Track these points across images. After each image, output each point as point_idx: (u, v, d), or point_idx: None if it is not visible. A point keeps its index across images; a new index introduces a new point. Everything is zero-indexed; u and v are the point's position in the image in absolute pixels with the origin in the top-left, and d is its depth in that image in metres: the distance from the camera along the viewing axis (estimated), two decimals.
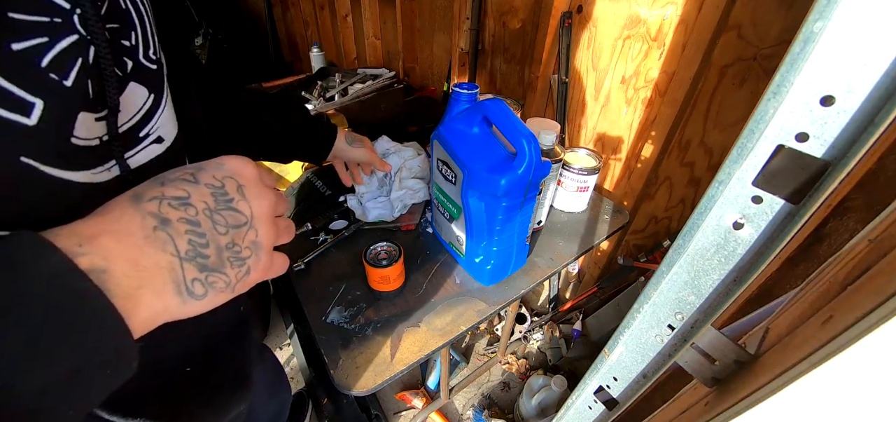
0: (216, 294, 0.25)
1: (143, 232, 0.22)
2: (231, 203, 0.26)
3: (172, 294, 0.23)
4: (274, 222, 0.29)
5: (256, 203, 0.27)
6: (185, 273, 0.23)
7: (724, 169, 0.28)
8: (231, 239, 0.25)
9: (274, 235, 0.28)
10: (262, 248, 0.27)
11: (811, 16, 0.21)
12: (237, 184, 0.27)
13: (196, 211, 0.24)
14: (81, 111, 0.24)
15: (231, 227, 0.25)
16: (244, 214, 0.26)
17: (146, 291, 0.21)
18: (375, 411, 1.27)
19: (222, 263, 0.25)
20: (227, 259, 0.25)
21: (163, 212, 0.23)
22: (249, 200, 0.27)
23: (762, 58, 0.69)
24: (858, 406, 0.25)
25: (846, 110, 0.22)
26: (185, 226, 0.23)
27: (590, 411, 0.52)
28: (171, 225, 0.23)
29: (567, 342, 1.36)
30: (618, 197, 1.06)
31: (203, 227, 0.24)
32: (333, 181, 0.91)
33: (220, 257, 0.25)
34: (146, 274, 0.21)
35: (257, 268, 0.27)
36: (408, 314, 0.63)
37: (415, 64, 1.62)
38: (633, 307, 0.40)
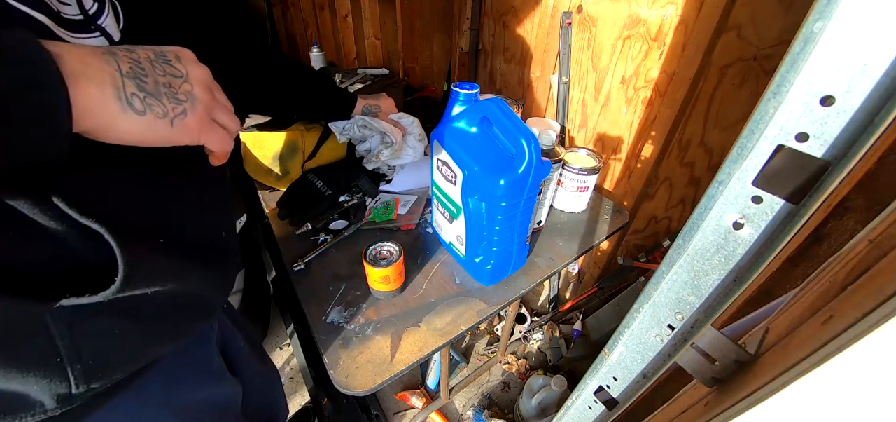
0: (155, 118, 0.30)
1: (94, 52, 0.28)
2: (169, 62, 0.32)
3: (112, 97, 0.28)
4: (210, 92, 0.35)
5: (192, 68, 0.34)
6: (125, 84, 0.28)
7: (724, 169, 0.28)
8: (168, 81, 0.31)
9: (209, 100, 0.35)
10: (199, 101, 0.33)
11: (811, 16, 0.21)
12: (176, 54, 0.33)
13: (139, 57, 0.30)
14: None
15: (169, 74, 0.32)
16: (180, 71, 0.33)
17: (90, 82, 0.26)
18: (375, 411, 1.28)
19: (159, 93, 0.30)
20: (163, 92, 0.31)
21: (112, 51, 0.29)
22: (186, 65, 0.34)
23: (762, 58, 0.69)
24: (858, 406, 0.25)
25: (846, 110, 0.22)
26: (128, 59, 0.29)
27: (590, 411, 0.52)
28: (118, 56, 0.29)
29: (567, 342, 1.36)
30: (618, 197, 1.06)
31: (144, 65, 0.30)
32: (333, 181, 0.91)
33: (158, 88, 0.30)
34: (91, 70, 0.27)
35: (194, 115, 0.33)
36: (408, 314, 0.63)
37: (415, 64, 1.62)
38: (633, 307, 0.40)
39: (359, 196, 0.88)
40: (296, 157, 0.94)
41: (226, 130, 0.37)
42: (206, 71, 0.35)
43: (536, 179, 0.57)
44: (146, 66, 0.30)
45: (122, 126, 0.28)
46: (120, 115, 0.28)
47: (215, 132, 0.36)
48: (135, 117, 0.29)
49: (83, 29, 0.34)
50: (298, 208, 0.84)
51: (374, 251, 0.64)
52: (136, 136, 0.30)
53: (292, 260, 0.71)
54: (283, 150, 0.93)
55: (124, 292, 0.34)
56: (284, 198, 0.89)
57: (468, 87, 0.63)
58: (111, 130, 0.28)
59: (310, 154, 0.95)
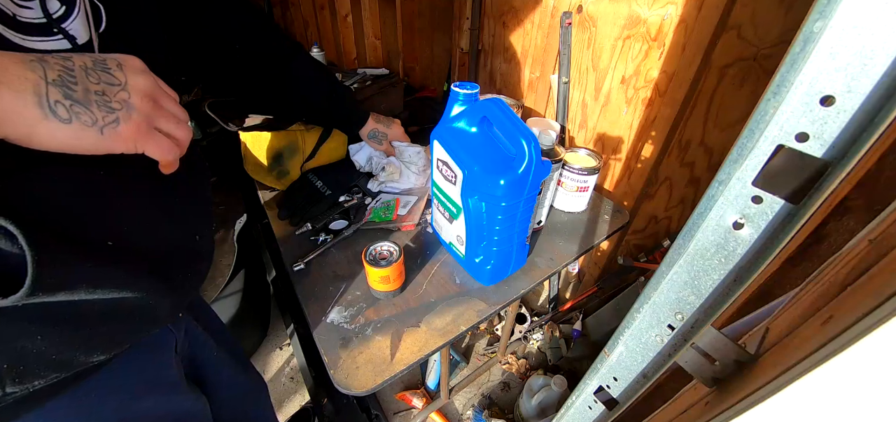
0: (82, 127, 0.30)
1: (20, 59, 0.27)
2: (108, 69, 0.32)
3: (33, 104, 0.27)
4: (152, 101, 0.34)
5: (133, 77, 0.33)
6: (49, 92, 0.28)
7: (724, 169, 0.28)
8: (102, 89, 0.31)
9: (149, 109, 0.34)
10: (135, 109, 0.33)
11: (811, 16, 0.21)
12: (118, 63, 0.33)
13: (73, 65, 0.30)
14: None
15: (104, 82, 0.31)
16: (118, 79, 0.32)
17: (6, 88, 0.26)
18: (375, 411, 1.28)
19: (89, 102, 0.30)
20: (93, 100, 0.30)
21: (42, 58, 0.28)
22: (126, 73, 0.33)
23: (762, 58, 0.69)
24: (858, 406, 0.25)
25: (846, 110, 0.22)
26: (60, 67, 0.29)
27: (590, 412, 0.52)
28: (47, 62, 0.28)
29: (567, 342, 1.36)
30: (618, 197, 1.06)
31: (76, 73, 0.30)
32: (333, 181, 0.91)
33: (87, 97, 0.30)
34: (8, 76, 0.26)
35: (128, 124, 0.32)
36: (408, 314, 0.63)
37: (415, 64, 1.62)
38: (633, 307, 0.40)
39: (359, 196, 0.88)
40: (296, 157, 0.94)
41: (171, 139, 0.37)
42: (150, 80, 0.35)
43: (536, 179, 0.57)
44: (78, 74, 0.30)
45: (43, 133, 0.28)
46: (41, 122, 0.28)
47: (156, 141, 0.35)
48: (58, 125, 0.28)
49: (43, 32, 0.34)
50: (298, 208, 0.84)
51: (374, 251, 0.64)
52: (62, 143, 0.29)
53: (292, 260, 0.71)
54: (283, 150, 0.93)
55: (37, 298, 0.31)
56: (284, 198, 0.89)
57: (468, 87, 0.63)
58: (32, 137, 0.28)
59: (310, 154, 0.95)
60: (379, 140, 0.91)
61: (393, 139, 0.93)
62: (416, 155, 0.92)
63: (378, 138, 0.91)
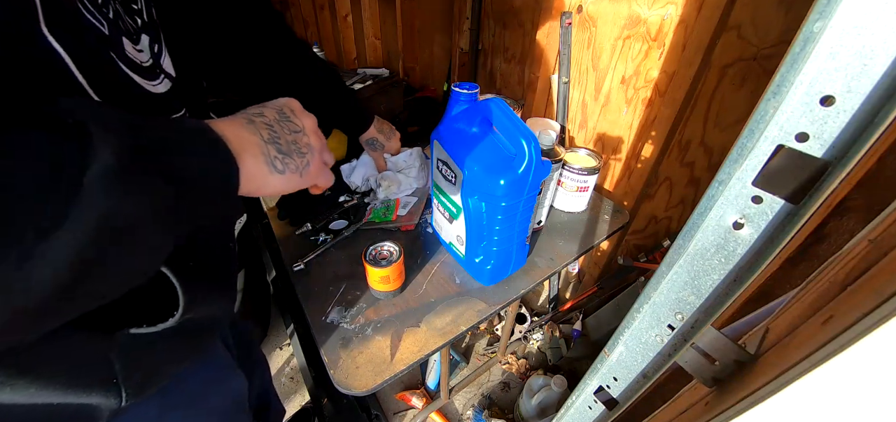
0: (291, 174, 0.36)
1: (241, 124, 0.33)
2: (289, 118, 0.37)
3: (262, 162, 0.33)
4: (318, 136, 0.40)
5: (304, 120, 0.39)
6: (269, 150, 0.34)
7: (724, 169, 0.28)
8: (293, 139, 0.37)
9: (320, 145, 0.40)
10: (315, 150, 0.39)
11: (811, 16, 0.21)
12: (291, 109, 0.39)
13: (269, 119, 0.35)
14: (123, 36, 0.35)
15: (292, 131, 0.37)
16: (298, 125, 0.38)
17: (247, 155, 0.32)
18: (375, 411, 1.28)
19: (290, 152, 0.36)
20: (293, 150, 0.36)
21: (250, 117, 0.35)
22: (300, 117, 0.39)
23: (762, 58, 0.69)
24: (858, 406, 0.25)
25: (846, 110, 0.22)
26: (264, 124, 0.35)
27: (590, 411, 0.52)
28: (255, 123, 0.34)
29: (567, 342, 1.36)
30: (618, 197, 1.06)
31: (275, 128, 0.35)
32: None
33: (289, 147, 0.36)
34: (245, 143, 0.32)
35: (314, 163, 0.38)
36: (408, 314, 0.63)
37: (415, 64, 1.62)
38: (633, 307, 0.40)
39: (358, 196, 0.88)
40: None
41: (330, 172, 0.43)
42: (312, 119, 0.40)
43: (536, 179, 0.57)
44: (277, 129, 0.35)
45: (269, 185, 0.34)
46: (268, 176, 0.34)
47: (325, 172, 0.41)
48: (278, 177, 0.34)
49: (152, 75, 0.38)
50: (298, 208, 0.84)
51: (374, 251, 0.64)
52: (276, 189, 0.35)
53: (292, 260, 0.71)
54: None
55: (178, 322, 0.38)
56: (284, 198, 0.89)
57: (468, 87, 0.63)
58: (261, 189, 0.34)
59: None
60: (375, 148, 0.90)
61: (389, 150, 0.91)
62: (409, 157, 0.92)
63: (375, 147, 0.90)
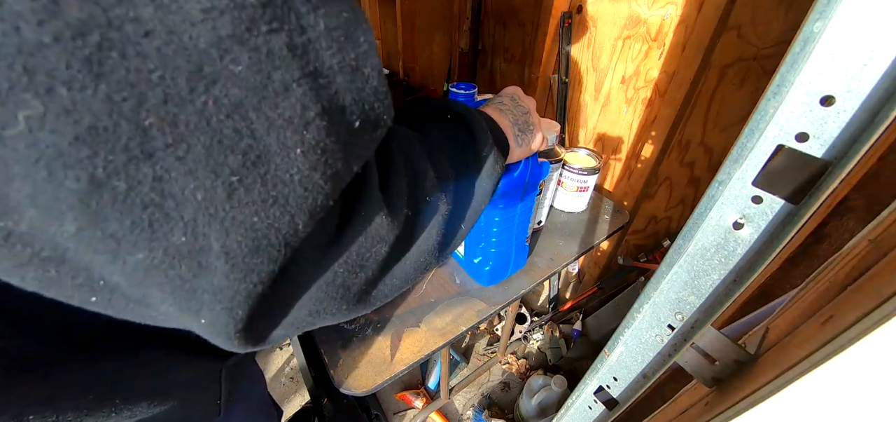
0: (523, 148, 0.45)
1: (498, 112, 0.43)
2: (519, 103, 0.46)
3: (513, 140, 0.42)
4: (537, 115, 0.48)
5: (528, 103, 0.47)
6: (516, 134, 0.43)
7: (724, 169, 0.28)
8: (524, 119, 0.45)
9: (539, 122, 0.48)
10: (537, 127, 0.47)
11: (811, 16, 0.21)
12: (519, 95, 0.48)
13: (509, 106, 0.45)
14: None
15: (523, 113, 0.45)
16: (525, 107, 0.46)
17: (512, 140, 0.42)
18: (375, 411, 1.28)
19: (526, 130, 0.45)
20: (527, 129, 0.45)
21: (500, 108, 0.44)
22: (524, 102, 0.47)
23: (762, 58, 0.69)
24: (858, 406, 0.25)
25: (846, 110, 0.22)
26: (509, 110, 0.44)
27: (590, 411, 0.52)
28: (504, 110, 0.44)
29: (567, 342, 1.36)
30: (618, 197, 1.06)
31: (514, 111, 0.45)
32: None
33: (525, 128, 0.45)
34: (509, 132, 0.42)
35: (537, 138, 0.47)
36: (408, 314, 0.63)
37: (415, 64, 1.62)
38: (633, 307, 0.40)
39: None
40: None
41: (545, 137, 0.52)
42: (532, 101, 0.49)
43: (534, 180, 0.57)
44: (517, 114, 0.44)
45: (514, 156, 0.44)
46: (516, 150, 0.43)
47: (543, 141, 0.50)
48: (519, 149, 0.44)
49: None
50: None
51: None
52: (517, 158, 0.46)
53: None
54: None
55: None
56: None
57: (465, 87, 0.63)
58: (511, 157, 0.43)
59: None
60: None
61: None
62: None
63: None
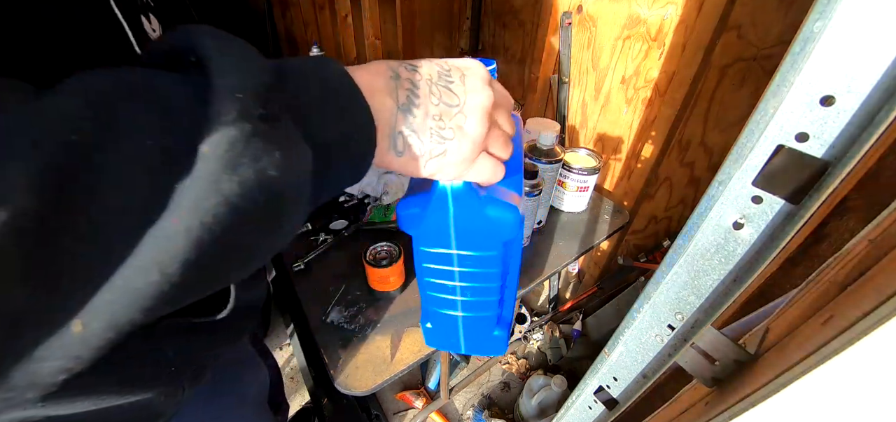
0: (409, 158, 0.27)
1: (385, 77, 0.26)
2: (450, 84, 0.28)
3: (387, 135, 0.26)
4: (487, 121, 0.29)
5: (473, 94, 0.28)
6: (397, 121, 0.26)
7: (724, 169, 0.28)
8: (439, 113, 0.27)
9: (482, 131, 0.29)
10: (468, 138, 0.28)
11: (811, 16, 0.21)
12: (463, 73, 0.29)
13: (420, 77, 0.27)
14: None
15: (443, 102, 0.28)
16: (457, 95, 0.28)
17: (381, 130, 0.26)
18: (375, 411, 1.28)
19: (422, 130, 0.27)
20: (428, 128, 0.27)
21: (396, 73, 0.27)
22: (467, 88, 0.29)
23: (762, 58, 0.69)
24: (858, 406, 0.25)
25: (846, 110, 0.22)
26: (409, 82, 0.27)
27: (590, 411, 0.52)
28: (400, 78, 0.27)
29: (567, 342, 1.36)
30: (618, 197, 1.06)
31: (420, 91, 0.27)
32: None
33: (424, 124, 0.27)
34: (381, 113, 0.25)
35: (457, 155, 0.28)
36: (408, 314, 0.63)
37: None
38: (633, 307, 0.40)
39: (359, 196, 0.88)
40: None
41: (496, 161, 0.31)
42: (487, 95, 0.29)
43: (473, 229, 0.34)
44: (422, 92, 0.27)
45: (388, 164, 0.28)
46: (386, 154, 0.27)
47: (477, 168, 0.30)
48: (395, 158, 0.27)
49: None
50: None
51: (373, 251, 0.64)
52: (398, 170, 0.28)
53: (292, 260, 0.71)
54: None
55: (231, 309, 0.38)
56: None
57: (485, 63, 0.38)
58: (378, 166, 0.28)
59: None
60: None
61: None
62: None
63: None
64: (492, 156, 0.31)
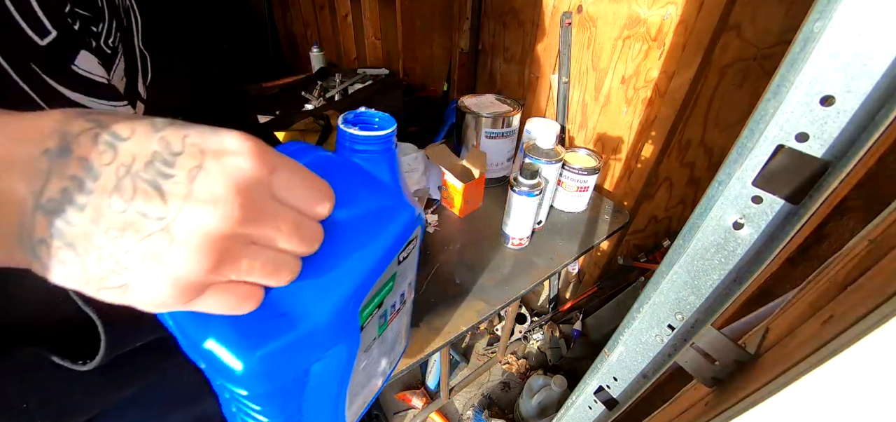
0: (65, 276, 0.17)
1: (37, 149, 0.17)
2: (165, 178, 0.17)
3: (15, 237, 0.17)
4: (210, 253, 0.18)
5: (197, 207, 0.17)
6: (35, 224, 0.17)
7: (724, 169, 0.28)
8: (122, 224, 0.17)
9: (194, 269, 0.18)
10: (167, 275, 0.18)
11: (811, 16, 0.21)
12: (201, 165, 0.18)
13: (113, 157, 0.17)
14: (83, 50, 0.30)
15: (135, 209, 0.17)
16: (166, 202, 0.17)
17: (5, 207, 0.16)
18: (375, 410, 1.28)
19: (85, 246, 0.17)
20: (96, 247, 0.17)
21: (81, 138, 0.17)
22: (193, 191, 0.17)
23: (762, 58, 0.69)
24: (858, 406, 0.25)
25: (846, 110, 0.22)
26: (79, 168, 0.17)
27: (590, 411, 0.52)
28: (70, 156, 0.17)
29: (567, 342, 1.36)
30: (618, 197, 1.06)
31: (96, 183, 0.17)
32: None
33: (89, 238, 0.17)
34: (2, 205, 0.16)
35: (148, 294, 0.18)
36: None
37: (415, 64, 1.62)
38: (633, 307, 0.40)
39: None
40: None
41: (250, 287, 0.21)
42: (231, 208, 0.18)
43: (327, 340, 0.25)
44: (97, 189, 0.17)
45: (24, 264, 0.18)
46: (22, 257, 0.17)
47: (209, 304, 0.20)
48: (39, 267, 0.17)
49: (108, 94, 0.33)
50: None
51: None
52: (51, 280, 0.18)
53: None
54: None
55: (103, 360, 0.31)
56: None
57: (367, 124, 0.32)
58: (12, 265, 0.18)
59: None
60: None
61: None
62: (414, 161, 0.91)
63: None
64: (242, 284, 0.21)
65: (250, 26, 2.83)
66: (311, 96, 1.37)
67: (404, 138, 0.99)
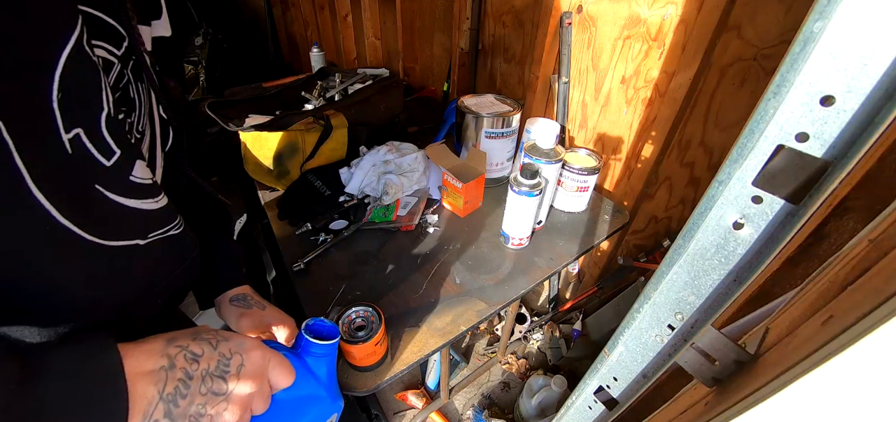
0: None
1: (150, 370, 0.28)
2: (226, 374, 0.32)
3: (140, 417, 0.27)
4: (244, 407, 0.33)
5: (241, 386, 0.33)
6: (155, 411, 0.28)
7: (724, 169, 0.28)
8: (203, 402, 0.30)
9: (237, 415, 0.32)
10: (225, 418, 0.32)
11: (811, 16, 0.21)
12: (241, 363, 0.33)
13: (197, 368, 0.31)
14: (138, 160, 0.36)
15: (210, 392, 0.31)
16: (228, 385, 0.32)
17: (135, 413, 0.27)
18: (375, 411, 1.28)
19: (182, 417, 0.29)
20: (189, 416, 0.30)
21: (176, 359, 0.30)
22: (240, 380, 0.33)
23: (762, 58, 0.69)
24: (858, 406, 0.25)
25: (846, 110, 0.22)
26: (181, 373, 0.29)
27: (590, 411, 0.52)
28: (174, 368, 0.29)
29: (567, 342, 1.36)
30: (618, 197, 1.05)
31: (192, 382, 0.30)
32: (333, 181, 0.91)
33: (185, 413, 0.29)
34: (136, 401, 0.27)
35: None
36: (408, 314, 0.63)
37: (415, 64, 1.62)
38: (633, 307, 0.40)
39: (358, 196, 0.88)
40: (296, 157, 0.94)
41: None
42: (256, 385, 0.34)
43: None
44: (193, 385, 0.30)
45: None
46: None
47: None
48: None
49: (154, 192, 0.38)
50: (298, 209, 0.84)
51: (347, 322, 0.53)
52: None
53: (292, 260, 0.71)
54: (282, 150, 0.93)
55: None
56: (284, 198, 0.89)
57: (321, 329, 0.45)
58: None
59: (309, 154, 0.95)
60: (248, 307, 0.56)
61: (267, 319, 0.55)
62: (414, 161, 0.91)
63: (248, 306, 0.57)
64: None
65: (250, 26, 2.83)
66: (311, 96, 1.37)
67: (404, 138, 0.99)
